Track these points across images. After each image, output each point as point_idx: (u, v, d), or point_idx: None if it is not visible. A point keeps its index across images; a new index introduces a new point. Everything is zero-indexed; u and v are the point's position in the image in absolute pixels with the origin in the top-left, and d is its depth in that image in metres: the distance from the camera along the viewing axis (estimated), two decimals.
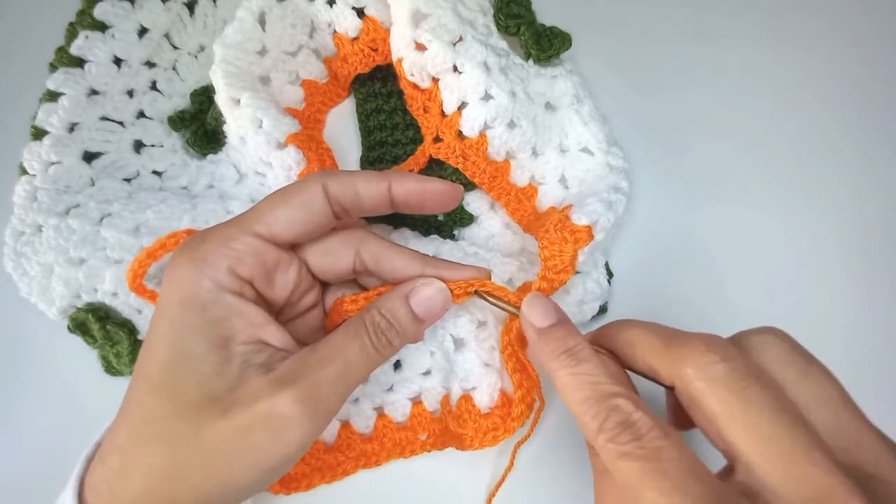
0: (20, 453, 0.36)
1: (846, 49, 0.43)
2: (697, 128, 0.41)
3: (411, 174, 0.28)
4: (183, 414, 0.23)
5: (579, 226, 0.31)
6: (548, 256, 0.30)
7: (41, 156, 0.36)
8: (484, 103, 0.34)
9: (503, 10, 0.38)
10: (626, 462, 0.21)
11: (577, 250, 0.30)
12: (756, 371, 0.21)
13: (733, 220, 0.39)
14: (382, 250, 0.29)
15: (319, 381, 0.24)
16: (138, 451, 0.23)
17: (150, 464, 0.23)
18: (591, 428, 0.22)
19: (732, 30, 0.43)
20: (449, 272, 0.29)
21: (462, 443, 0.34)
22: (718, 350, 0.22)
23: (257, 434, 0.23)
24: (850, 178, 0.40)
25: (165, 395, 0.24)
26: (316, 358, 0.25)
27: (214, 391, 0.23)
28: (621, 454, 0.21)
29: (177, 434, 0.23)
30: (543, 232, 0.31)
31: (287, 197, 0.26)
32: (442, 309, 0.29)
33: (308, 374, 0.24)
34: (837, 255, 0.39)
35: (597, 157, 0.36)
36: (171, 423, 0.23)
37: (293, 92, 0.40)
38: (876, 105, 0.42)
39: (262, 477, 0.24)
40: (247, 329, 0.25)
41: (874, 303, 0.38)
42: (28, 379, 0.37)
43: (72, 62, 0.37)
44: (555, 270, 0.30)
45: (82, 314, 0.35)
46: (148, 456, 0.23)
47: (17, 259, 0.36)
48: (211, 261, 0.25)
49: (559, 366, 0.24)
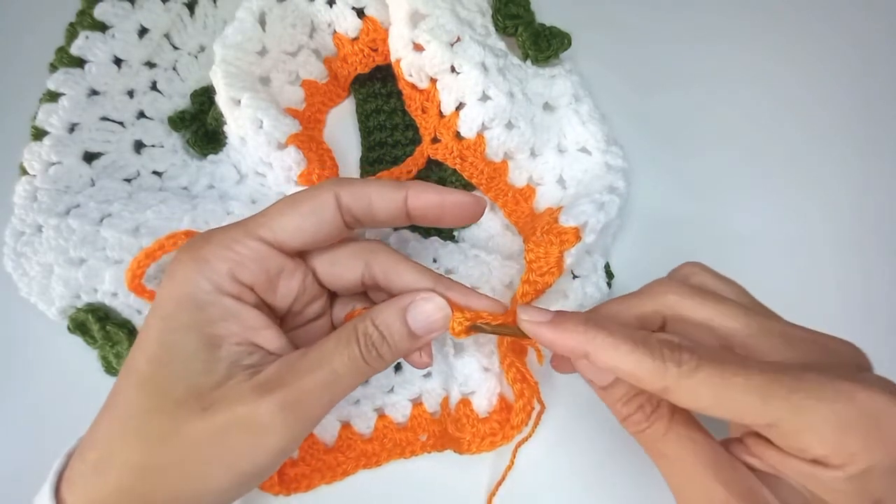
0: (20, 453, 0.36)
1: (846, 49, 0.43)
2: (698, 128, 0.41)
3: (431, 185, 0.27)
4: (164, 409, 0.23)
5: (566, 227, 0.30)
6: (532, 259, 0.30)
7: (41, 156, 0.36)
8: (482, 104, 0.34)
9: (501, 11, 0.38)
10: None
11: (563, 252, 0.30)
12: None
13: (733, 220, 0.39)
14: (393, 264, 0.28)
15: (303, 389, 0.23)
16: (116, 446, 0.23)
17: (126, 460, 0.23)
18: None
19: (731, 30, 0.43)
20: (461, 297, 0.28)
21: (460, 447, 0.34)
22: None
23: (235, 436, 0.23)
24: (851, 179, 0.40)
25: (150, 389, 0.23)
26: (302, 365, 0.24)
27: (199, 387, 0.23)
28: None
29: (155, 430, 0.23)
30: (531, 235, 0.31)
31: (297, 203, 0.26)
32: (441, 328, 0.27)
33: (293, 381, 0.23)
34: (838, 255, 0.39)
35: (595, 157, 0.36)
36: (150, 418, 0.23)
37: (293, 92, 0.40)
38: (875, 105, 0.42)
39: (238, 481, 0.23)
40: (241, 332, 0.25)
41: (874, 303, 0.38)
42: (28, 379, 0.37)
43: (72, 62, 0.37)
44: (539, 273, 0.30)
45: (82, 314, 0.35)
46: (125, 452, 0.23)
47: (17, 259, 0.36)
48: (212, 262, 0.24)
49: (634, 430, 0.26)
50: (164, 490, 0.23)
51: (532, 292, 0.30)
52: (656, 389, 0.23)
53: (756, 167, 0.40)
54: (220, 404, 0.23)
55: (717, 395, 0.21)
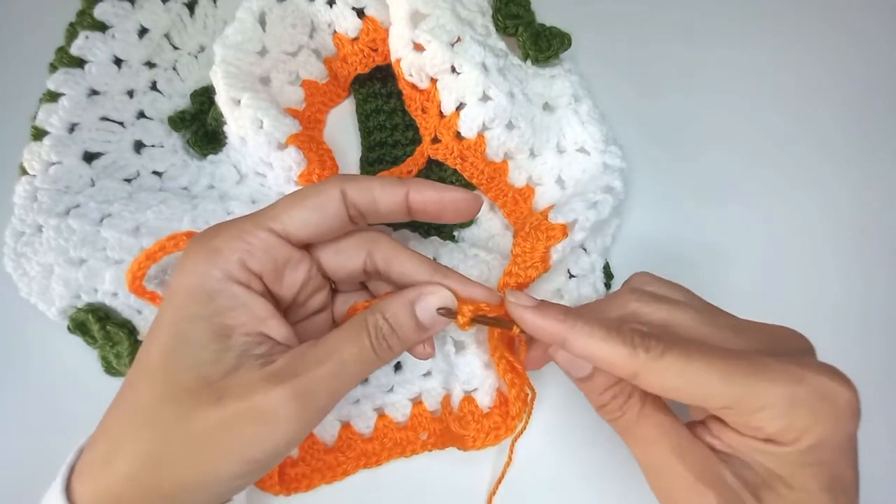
0: (20, 453, 0.36)
1: (847, 50, 0.43)
2: (698, 129, 0.41)
3: (431, 182, 0.28)
4: (174, 398, 0.23)
5: (554, 224, 0.31)
6: (518, 253, 0.31)
7: (41, 156, 0.36)
8: (482, 104, 0.34)
9: (502, 11, 0.38)
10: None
11: (549, 248, 0.31)
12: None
13: (733, 220, 0.39)
14: (394, 253, 0.29)
15: (314, 380, 0.24)
16: (125, 436, 0.24)
17: (136, 449, 0.23)
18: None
19: (731, 30, 0.44)
20: (459, 286, 0.29)
21: (464, 443, 0.34)
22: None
23: (246, 425, 0.23)
24: (851, 180, 0.40)
25: (160, 379, 0.24)
26: (313, 355, 0.25)
27: (209, 377, 0.24)
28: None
29: (165, 419, 0.23)
30: (521, 230, 0.32)
31: (305, 197, 0.27)
32: (447, 319, 0.28)
33: (303, 372, 0.24)
34: (837, 256, 0.39)
35: (593, 157, 0.36)
36: (160, 407, 0.23)
37: (293, 92, 0.40)
38: (876, 106, 0.42)
39: (247, 469, 0.24)
40: (250, 321, 0.25)
41: (874, 304, 0.38)
42: (28, 379, 0.37)
43: (72, 62, 0.37)
44: (523, 266, 0.31)
45: (82, 314, 0.35)
46: (134, 441, 0.23)
47: (17, 259, 0.36)
48: (223, 251, 0.25)
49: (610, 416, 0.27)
50: (174, 478, 0.23)
51: (514, 285, 0.31)
52: (627, 374, 0.24)
53: (756, 168, 0.40)
54: (232, 393, 0.23)
55: (682, 378, 0.23)
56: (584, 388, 0.28)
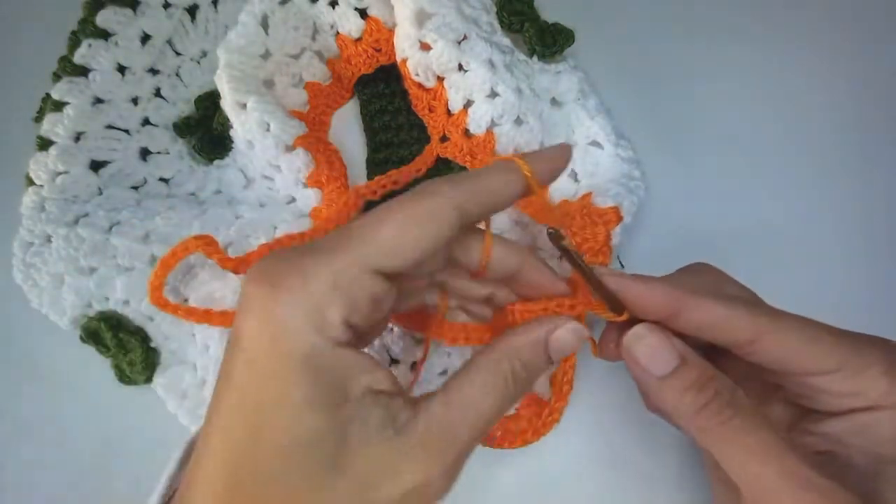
0: (37, 465, 0.36)
1: (848, 47, 0.43)
2: (703, 124, 0.41)
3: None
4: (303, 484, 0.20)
5: (605, 207, 0.30)
6: (580, 242, 0.30)
7: (48, 166, 0.36)
8: (490, 101, 0.34)
9: (506, 8, 0.38)
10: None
11: (610, 231, 0.30)
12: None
13: (740, 215, 0.39)
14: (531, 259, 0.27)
15: (461, 447, 0.22)
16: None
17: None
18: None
19: (735, 27, 0.43)
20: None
21: (490, 442, 0.33)
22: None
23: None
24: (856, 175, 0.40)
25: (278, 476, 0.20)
26: (454, 418, 0.22)
27: (331, 460, 0.20)
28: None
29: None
30: (569, 220, 0.31)
31: (417, 223, 0.21)
32: (575, 349, 0.26)
33: (451, 442, 0.21)
34: (840, 254, 0.39)
35: (606, 150, 0.36)
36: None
37: (297, 95, 0.40)
38: (878, 102, 0.42)
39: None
40: (358, 383, 0.21)
41: (880, 300, 0.38)
42: (42, 390, 0.37)
43: (75, 71, 0.37)
44: (591, 254, 0.30)
45: (94, 323, 0.35)
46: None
47: (27, 270, 0.35)
48: (326, 312, 0.20)
49: (709, 423, 0.23)
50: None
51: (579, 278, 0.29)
52: (746, 338, 0.24)
53: (762, 164, 0.40)
54: (371, 475, 0.20)
55: (801, 343, 0.23)
56: (666, 392, 0.24)
